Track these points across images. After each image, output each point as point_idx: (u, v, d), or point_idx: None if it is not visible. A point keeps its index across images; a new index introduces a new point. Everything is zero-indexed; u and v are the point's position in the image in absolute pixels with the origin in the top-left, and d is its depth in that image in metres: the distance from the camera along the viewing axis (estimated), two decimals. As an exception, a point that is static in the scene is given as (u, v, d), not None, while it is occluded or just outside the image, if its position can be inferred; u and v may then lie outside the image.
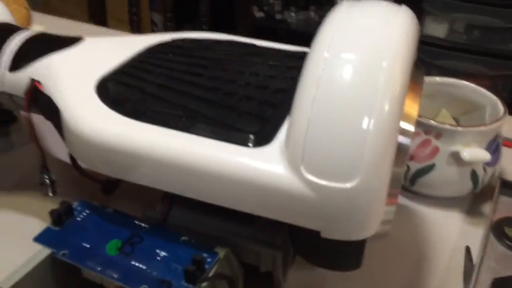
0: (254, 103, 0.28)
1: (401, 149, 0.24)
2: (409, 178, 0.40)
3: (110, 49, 0.34)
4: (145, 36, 0.36)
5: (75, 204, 0.28)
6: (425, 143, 0.38)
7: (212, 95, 0.28)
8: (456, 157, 0.38)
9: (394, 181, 0.24)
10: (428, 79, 0.44)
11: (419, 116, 0.38)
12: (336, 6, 0.26)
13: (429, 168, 0.39)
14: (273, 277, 0.30)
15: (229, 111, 0.27)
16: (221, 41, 0.35)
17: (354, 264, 0.27)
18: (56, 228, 0.27)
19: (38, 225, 0.28)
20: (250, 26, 1.21)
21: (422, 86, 0.28)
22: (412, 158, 0.39)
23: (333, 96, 0.22)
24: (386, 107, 0.22)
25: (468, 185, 0.39)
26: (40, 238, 0.26)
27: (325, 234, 0.23)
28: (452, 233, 0.38)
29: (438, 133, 0.38)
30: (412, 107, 0.25)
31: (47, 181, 0.36)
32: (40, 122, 0.33)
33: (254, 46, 0.34)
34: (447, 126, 0.38)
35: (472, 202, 0.41)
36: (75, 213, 0.28)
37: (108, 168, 0.27)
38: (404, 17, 0.25)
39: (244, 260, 0.29)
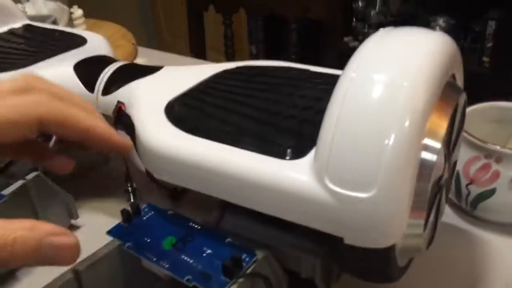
0: (296, 121, 0.31)
1: (425, 165, 0.25)
2: (470, 202, 0.39)
3: (183, 75, 0.39)
4: (216, 64, 0.41)
5: (143, 206, 0.33)
6: (485, 167, 0.38)
7: (260, 114, 0.32)
8: (517, 182, 0.37)
9: (418, 195, 0.26)
10: (497, 104, 0.43)
11: (479, 140, 0.38)
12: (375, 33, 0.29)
13: (490, 192, 0.38)
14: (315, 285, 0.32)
15: (272, 128, 0.30)
16: (279, 67, 0.39)
17: (386, 276, 0.28)
18: (125, 225, 0.32)
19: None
20: (338, 55, 1.24)
21: (457, 106, 0.29)
22: (472, 181, 0.39)
23: (355, 112, 0.25)
24: (405, 123, 0.24)
25: (530, 212, 0.38)
26: (112, 232, 0.31)
27: (348, 241, 0.25)
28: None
29: (499, 157, 0.37)
30: (439, 125, 0.26)
31: (130, 188, 0.42)
32: (125, 137, 0.39)
33: (307, 71, 0.38)
34: (507, 150, 0.37)
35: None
36: (142, 213, 0.32)
37: (171, 176, 0.32)
38: (435, 40, 0.27)
39: (286, 266, 0.31)
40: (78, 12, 0.80)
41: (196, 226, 0.31)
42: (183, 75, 0.39)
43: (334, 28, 1.26)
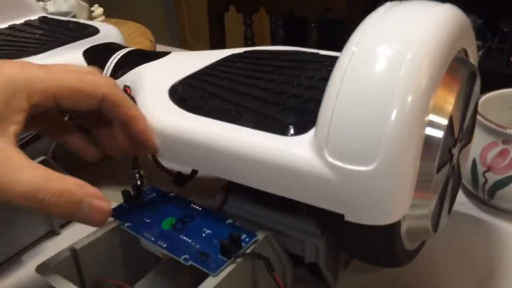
0: (300, 100, 0.30)
1: (430, 141, 0.24)
2: (487, 191, 0.38)
3: (190, 60, 0.39)
4: (224, 50, 0.40)
5: (145, 188, 0.32)
6: (503, 153, 0.36)
7: (263, 93, 0.31)
8: (536, 168, 0.35)
9: (423, 174, 0.24)
10: (517, 90, 0.42)
11: (496, 125, 0.36)
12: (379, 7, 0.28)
13: (508, 180, 0.36)
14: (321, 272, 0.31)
15: (274, 106, 0.29)
16: (287, 51, 0.38)
17: (392, 258, 0.27)
18: (126, 205, 0.31)
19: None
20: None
21: (466, 81, 0.27)
22: (489, 169, 0.37)
23: (356, 85, 0.24)
24: (408, 97, 0.23)
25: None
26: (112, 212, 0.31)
27: (348, 217, 0.24)
28: (531, 251, 0.35)
29: (517, 143, 0.36)
30: (447, 101, 0.25)
31: (137, 175, 0.42)
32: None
33: (316, 54, 0.37)
34: (526, 135, 0.35)
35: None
36: (144, 195, 0.32)
37: (173, 156, 0.31)
38: (442, 12, 0.26)
39: (290, 250, 0.30)
40: (98, 10, 0.81)
41: (197, 207, 0.31)
42: (190, 59, 0.39)
43: (355, 28, 1.24)
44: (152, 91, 0.34)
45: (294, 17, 1.18)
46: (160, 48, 0.84)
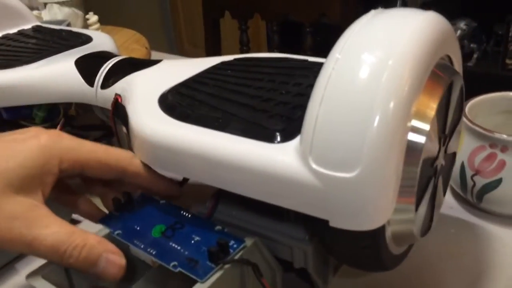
0: (287, 107, 0.30)
1: (413, 147, 0.25)
2: (475, 194, 0.38)
3: (181, 68, 0.39)
4: (215, 57, 0.41)
5: (136, 196, 0.33)
6: (491, 157, 0.37)
7: (252, 101, 0.31)
8: (524, 171, 0.35)
9: (407, 179, 0.25)
10: (508, 94, 0.42)
11: (483, 129, 0.37)
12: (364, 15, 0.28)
13: (496, 183, 0.37)
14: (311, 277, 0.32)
15: (262, 113, 0.30)
16: (277, 58, 0.38)
17: (379, 263, 0.27)
18: (117, 213, 0.32)
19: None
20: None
21: (450, 88, 0.28)
22: (477, 172, 0.37)
23: (339, 92, 0.24)
24: (390, 103, 0.23)
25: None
26: (103, 220, 0.31)
27: (333, 223, 0.25)
28: (520, 254, 0.35)
29: (504, 147, 0.36)
30: (429, 107, 0.25)
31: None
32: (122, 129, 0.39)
33: (305, 61, 0.37)
34: (513, 139, 0.36)
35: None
36: (135, 202, 0.32)
37: (161, 164, 0.32)
38: (425, 19, 0.26)
39: (280, 255, 0.31)
40: (93, 18, 0.81)
41: (187, 214, 0.31)
42: (180, 67, 0.39)
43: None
44: (142, 99, 0.34)
45: (289, 22, 1.18)
46: (156, 54, 0.84)
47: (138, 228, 0.30)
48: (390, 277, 0.34)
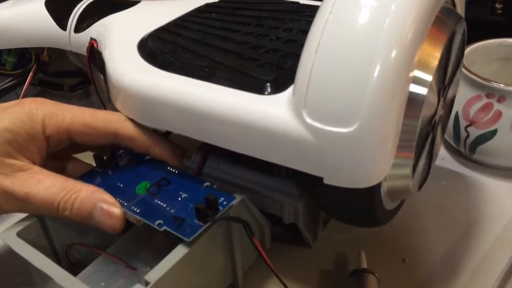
0: (278, 55, 0.28)
1: (413, 99, 0.23)
2: (468, 145, 0.37)
3: (162, 10, 0.36)
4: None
5: (120, 152, 0.31)
6: (487, 107, 0.36)
7: (239, 48, 0.29)
8: (520, 122, 0.34)
9: (406, 133, 0.23)
10: (506, 40, 0.40)
11: (481, 78, 0.35)
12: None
13: (491, 134, 0.36)
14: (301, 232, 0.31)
15: (250, 62, 0.27)
16: (266, 0, 0.36)
17: (373, 219, 0.26)
18: (99, 170, 0.30)
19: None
20: None
21: (453, 35, 0.26)
22: (472, 123, 0.36)
23: (337, 39, 0.22)
24: (391, 52, 0.21)
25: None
26: (84, 177, 0.29)
27: (327, 181, 0.23)
28: (510, 206, 0.35)
29: (501, 96, 0.35)
30: (432, 55, 0.23)
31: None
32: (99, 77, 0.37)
33: (297, 4, 0.34)
34: (511, 88, 0.34)
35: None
36: (118, 158, 0.30)
37: (142, 116, 0.29)
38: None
39: (269, 211, 0.30)
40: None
41: (173, 170, 0.29)
42: (161, 9, 0.36)
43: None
44: (120, 45, 0.31)
45: None
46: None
47: (121, 185, 0.28)
48: (380, 230, 0.33)
